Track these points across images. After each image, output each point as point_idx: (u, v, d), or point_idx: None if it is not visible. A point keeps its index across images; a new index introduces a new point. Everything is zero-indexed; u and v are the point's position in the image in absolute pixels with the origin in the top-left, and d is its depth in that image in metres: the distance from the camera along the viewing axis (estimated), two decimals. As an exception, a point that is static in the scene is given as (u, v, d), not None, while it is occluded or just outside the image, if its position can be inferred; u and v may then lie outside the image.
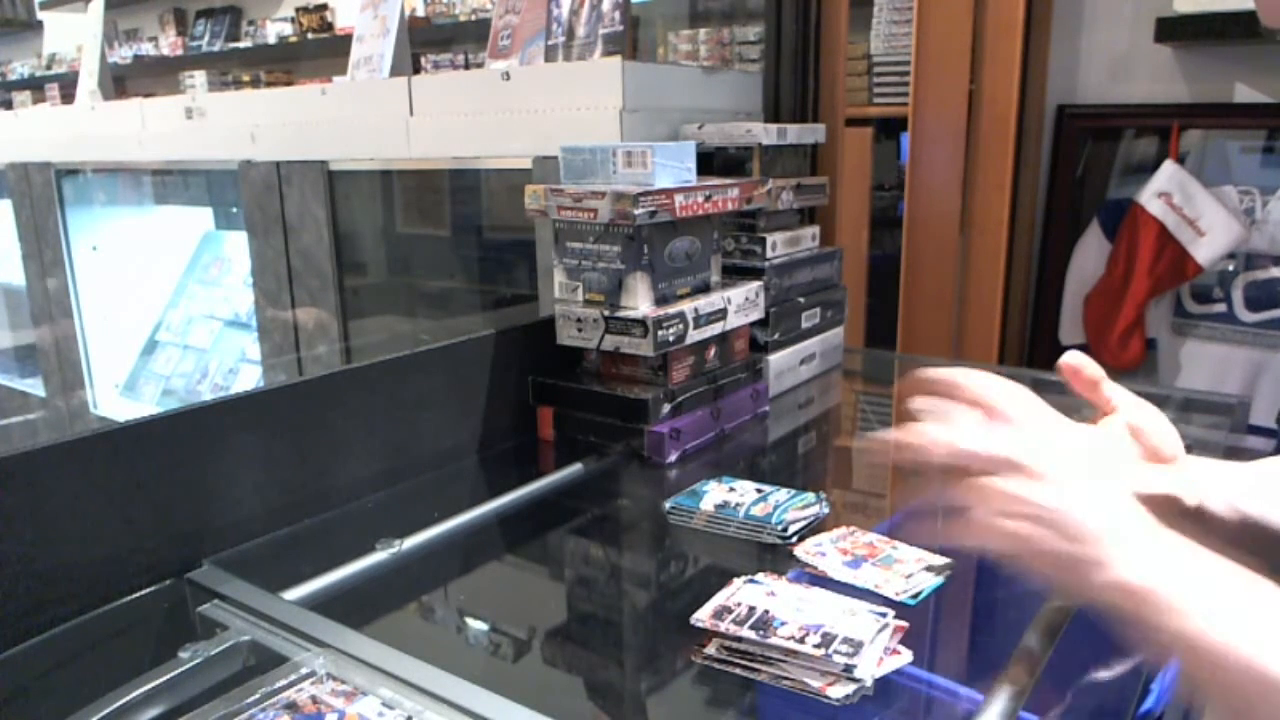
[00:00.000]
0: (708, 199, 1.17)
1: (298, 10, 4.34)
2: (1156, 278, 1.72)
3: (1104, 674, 0.73)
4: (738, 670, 0.69)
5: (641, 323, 1.11)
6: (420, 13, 3.79)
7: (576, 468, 1.12)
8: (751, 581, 0.78)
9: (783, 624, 0.70)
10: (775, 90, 1.62)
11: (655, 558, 0.96)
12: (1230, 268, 1.70)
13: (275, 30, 4.43)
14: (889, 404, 1.56)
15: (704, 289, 1.24)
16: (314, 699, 0.61)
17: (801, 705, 0.66)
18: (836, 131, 1.60)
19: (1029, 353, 2.06)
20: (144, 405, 2.67)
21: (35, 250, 2.66)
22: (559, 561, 1.00)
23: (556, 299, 1.20)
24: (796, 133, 1.47)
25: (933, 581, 0.81)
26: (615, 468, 1.14)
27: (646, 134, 1.41)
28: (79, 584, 0.77)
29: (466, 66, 3.66)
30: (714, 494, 0.98)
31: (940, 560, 0.83)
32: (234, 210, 2.31)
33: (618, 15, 1.50)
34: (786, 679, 0.67)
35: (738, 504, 0.94)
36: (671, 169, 1.14)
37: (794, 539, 0.90)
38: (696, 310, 1.16)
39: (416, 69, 2.63)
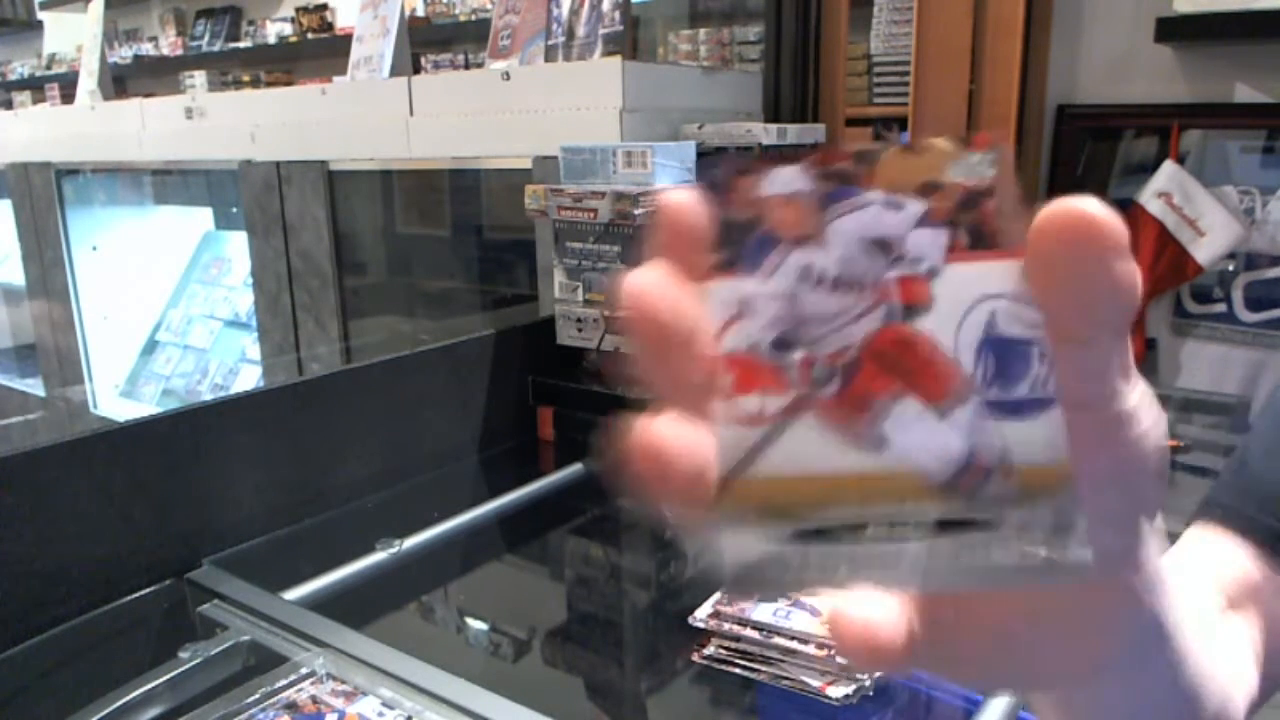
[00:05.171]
0: (708, 199, 1.16)
1: (298, 10, 4.34)
2: (1156, 278, 1.72)
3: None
4: (738, 670, 0.69)
5: (641, 323, 1.10)
6: (420, 13, 3.79)
7: (576, 468, 1.12)
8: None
9: (783, 623, 0.70)
10: (775, 90, 1.62)
11: (655, 558, 0.96)
12: (1230, 268, 1.70)
13: (275, 30, 4.43)
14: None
15: (704, 289, 1.24)
16: (314, 699, 0.61)
17: (801, 705, 0.66)
18: (836, 131, 1.60)
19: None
20: (144, 405, 2.67)
21: (35, 250, 2.66)
22: (559, 561, 1.00)
23: (556, 299, 1.20)
24: (796, 133, 1.47)
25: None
26: (615, 468, 1.14)
27: (646, 134, 1.41)
28: (79, 584, 0.77)
29: (466, 66, 3.65)
30: None
31: None
32: (234, 210, 2.31)
33: (618, 15, 1.50)
34: (786, 679, 0.67)
35: None
36: (671, 169, 1.14)
37: None
38: (696, 310, 1.16)
39: (416, 69, 2.63)
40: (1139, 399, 0.23)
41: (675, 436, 0.21)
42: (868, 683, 0.66)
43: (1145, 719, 0.32)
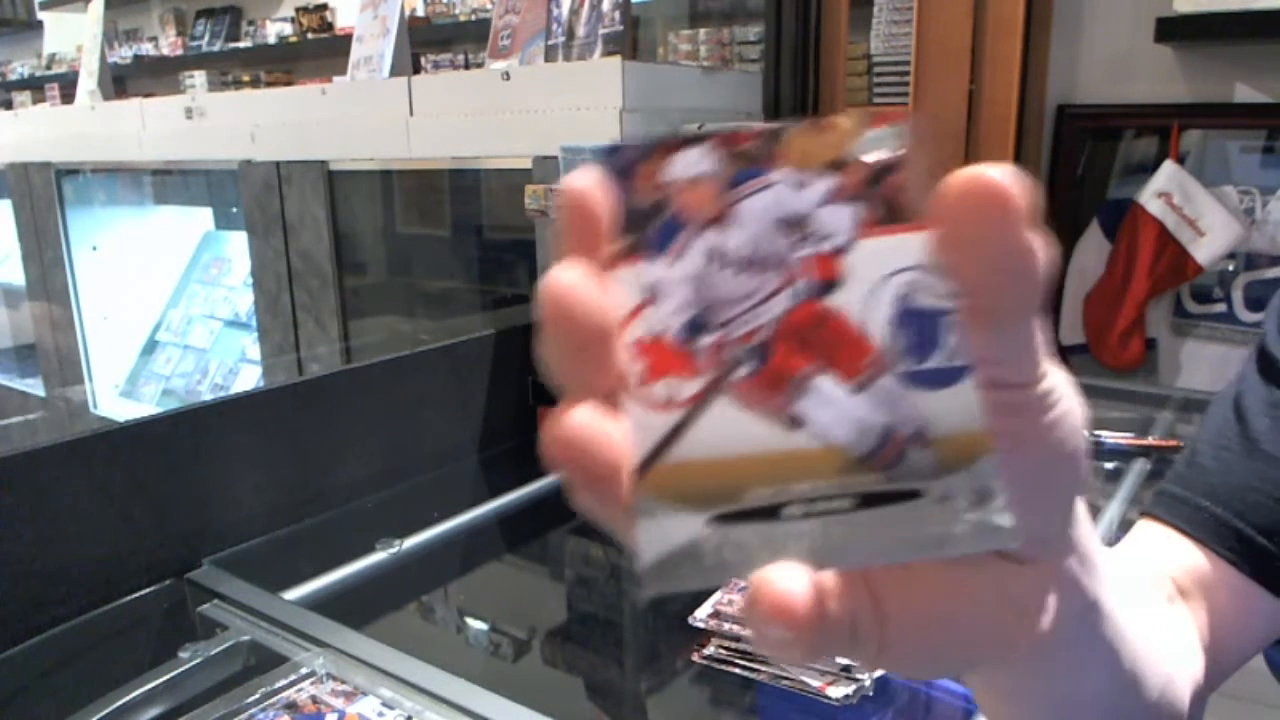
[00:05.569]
0: (708, 199, 1.16)
1: (298, 10, 4.33)
2: (1156, 278, 1.72)
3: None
4: (738, 670, 0.69)
5: (641, 323, 1.10)
6: (420, 13, 3.78)
7: (576, 468, 1.12)
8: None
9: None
10: (775, 90, 1.62)
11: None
12: (1230, 268, 1.70)
13: (275, 30, 4.42)
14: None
15: (704, 289, 1.23)
16: (314, 699, 0.61)
17: (801, 705, 0.66)
18: (836, 131, 1.60)
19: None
20: (144, 405, 2.67)
21: (35, 250, 2.66)
22: (559, 561, 1.00)
23: (556, 299, 1.19)
24: (796, 133, 1.46)
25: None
26: (615, 468, 1.14)
27: (646, 134, 1.41)
28: (79, 584, 0.77)
29: (466, 66, 3.65)
30: None
31: None
32: (234, 210, 2.31)
33: (618, 15, 1.50)
34: (786, 678, 0.67)
35: None
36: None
37: None
38: (696, 310, 1.16)
39: (416, 69, 2.63)
40: (1056, 381, 0.23)
41: (592, 427, 0.20)
42: (867, 683, 0.66)
43: (1084, 701, 0.32)
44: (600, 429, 0.20)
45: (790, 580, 0.20)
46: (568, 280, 0.20)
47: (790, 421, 0.21)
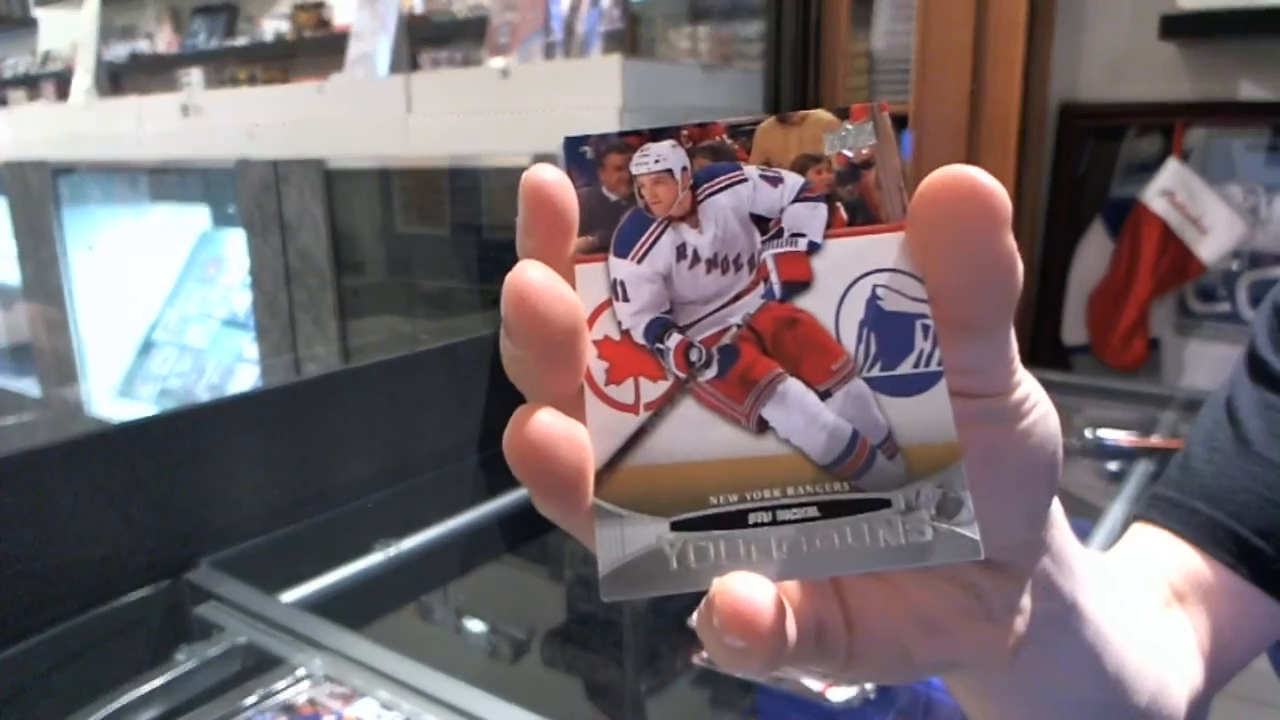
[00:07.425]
0: (708, 197, 1.16)
1: (295, 7, 4.32)
2: (1160, 277, 1.72)
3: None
4: (737, 672, 0.69)
5: (642, 322, 1.10)
6: (418, 10, 3.78)
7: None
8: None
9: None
10: (775, 88, 1.61)
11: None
12: (1234, 267, 1.69)
13: (272, 27, 4.41)
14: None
15: (705, 288, 1.23)
16: (311, 701, 0.60)
17: (801, 707, 0.65)
18: (837, 130, 1.59)
19: (1031, 353, 2.05)
20: (141, 405, 2.66)
21: (31, 250, 2.65)
22: (559, 562, 0.99)
23: (556, 298, 1.19)
24: (797, 131, 1.46)
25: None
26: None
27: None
28: (78, 584, 0.77)
29: (465, 64, 3.65)
30: None
31: None
32: (231, 209, 2.30)
33: (617, 13, 1.49)
34: (786, 681, 0.67)
35: None
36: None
37: None
38: (697, 309, 1.16)
39: (415, 66, 2.63)
40: (1029, 388, 0.22)
41: (555, 430, 0.20)
42: (869, 685, 0.65)
43: (1066, 703, 0.31)
44: (564, 432, 0.20)
45: (752, 587, 0.19)
46: (532, 278, 0.19)
47: (757, 426, 0.20)
